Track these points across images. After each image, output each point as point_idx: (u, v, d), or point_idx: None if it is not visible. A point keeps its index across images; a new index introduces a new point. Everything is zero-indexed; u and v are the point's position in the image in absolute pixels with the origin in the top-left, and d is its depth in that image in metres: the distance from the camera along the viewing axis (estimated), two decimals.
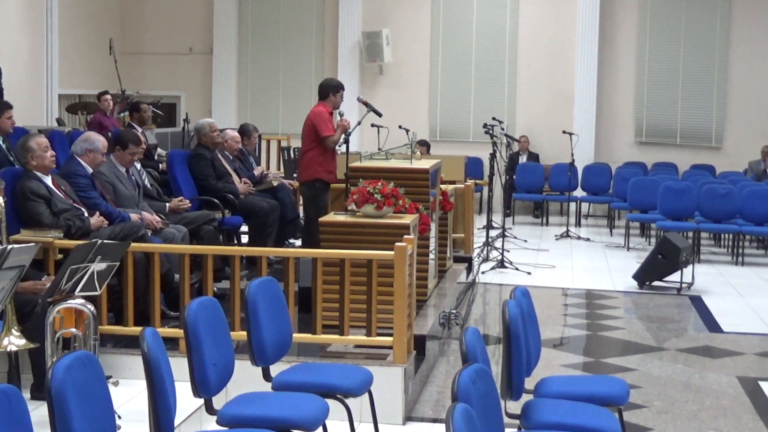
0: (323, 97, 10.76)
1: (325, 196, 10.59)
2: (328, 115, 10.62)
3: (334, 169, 10.64)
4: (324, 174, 10.55)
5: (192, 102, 20.94)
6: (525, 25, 20.14)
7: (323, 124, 10.49)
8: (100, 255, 6.37)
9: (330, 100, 10.70)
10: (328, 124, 10.51)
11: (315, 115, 10.60)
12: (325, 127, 10.48)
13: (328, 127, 10.49)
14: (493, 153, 14.46)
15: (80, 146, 8.67)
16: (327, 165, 10.57)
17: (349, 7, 20.40)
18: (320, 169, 10.54)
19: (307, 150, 10.66)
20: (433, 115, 20.47)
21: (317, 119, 10.55)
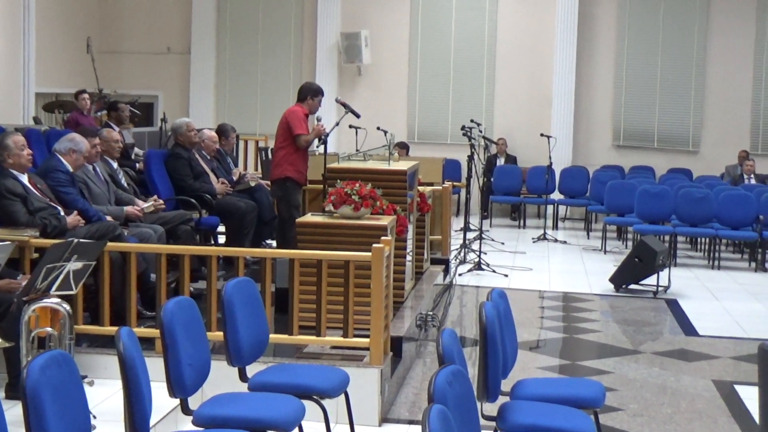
0: (301, 99, 10.76)
1: (296, 195, 10.64)
2: (304, 115, 10.63)
3: (304, 170, 10.68)
4: (293, 173, 10.58)
5: (169, 102, 20.90)
6: (503, 28, 20.19)
7: (297, 122, 10.52)
8: (76, 254, 6.35)
9: (307, 102, 10.71)
10: (302, 123, 10.54)
11: (290, 114, 10.64)
12: (298, 125, 10.51)
13: (301, 126, 10.52)
14: (470, 155, 14.49)
15: (64, 145, 8.66)
16: (297, 164, 10.61)
17: (327, 7, 20.40)
18: (291, 168, 10.58)
19: (280, 148, 10.69)
20: (412, 116, 20.50)
21: (292, 117, 10.58)
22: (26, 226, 7.82)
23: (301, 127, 10.51)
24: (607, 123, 20.22)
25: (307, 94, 10.73)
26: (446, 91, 20.35)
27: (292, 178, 10.58)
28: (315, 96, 10.73)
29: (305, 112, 10.67)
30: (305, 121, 10.61)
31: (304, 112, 10.66)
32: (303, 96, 10.76)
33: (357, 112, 10.76)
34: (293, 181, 10.60)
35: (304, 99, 10.73)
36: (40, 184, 8.25)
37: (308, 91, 10.78)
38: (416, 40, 20.42)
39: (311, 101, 10.70)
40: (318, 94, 10.78)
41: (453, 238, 13.21)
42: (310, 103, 10.70)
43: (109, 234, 8.12)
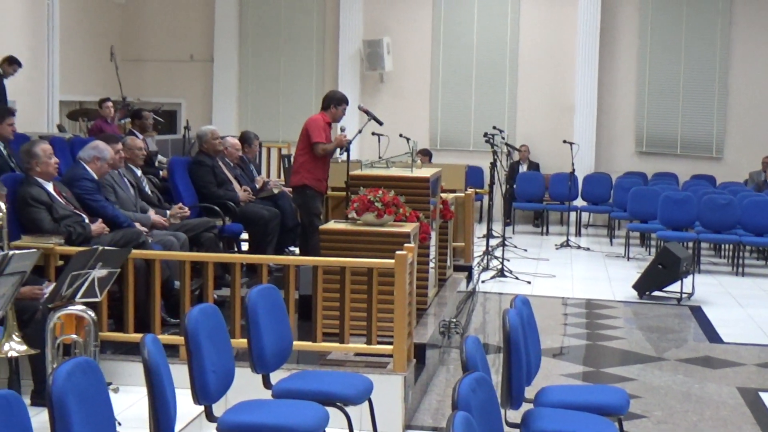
0: (325, 108, 10.72)
1: (316, 203, 10.61)
2: (325, 124, 10.59)
3: (323, 177, 10.63)
4: (311, 181, 10.55)
5: (193, 109, 20.96)
6: (526, 35, 20.18)
7: (316, 130, 10.48)
8: (101, 261, 6.37)
9: (330, 111, 10.65)
10: (321, 132, 10.49)
11: (310, 122, 10.62)
12: (317, 133, 10.47)
13: (320, 134, 10.47)
14: (493, 162, 14.48)
15: (89, 153, 8.72)
16: (316, 172, 10.57)
17: (349, 15, 20.43)
18: (308, 176, 10.55)
19: (299, 155, 10.69)
20: (434, 123, 20.49)
21: (311, 125, 10.56)
22: (51, 233, 7.86)
23: (320, 135, 10.47)
24: (630, 129, 20.17)
25: (330, 103, 10.69)
26: (468, 98, 20.34)
27: (309, 185, 10.57)
28: (338, 105, 10.68)
29: (327, 120, 10.64)
30: (325, 129, 10.57)
31: (327, 121, 10.62)
32: (326, 104, 10.72)
33: (379, 119, 10.75)
34: (312, 189, 10.58)
35: (327, 107, 10.70)
36: (64, 192, 8.29)
37: (332, 99, 10.74)
38: (438, 47, 20.43)
39: (334, 110, 10.66)
40: (342, 102, 10.72)
41: (476, 245, 13.19)
42: (333, 112, 10.66)
43: (134, 241, 8.16)
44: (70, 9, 18.49)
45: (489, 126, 16.36)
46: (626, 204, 16.81)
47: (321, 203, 10.68)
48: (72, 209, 8.18)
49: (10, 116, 10.05)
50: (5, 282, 5.70)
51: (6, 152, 9.83)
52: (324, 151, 10.49)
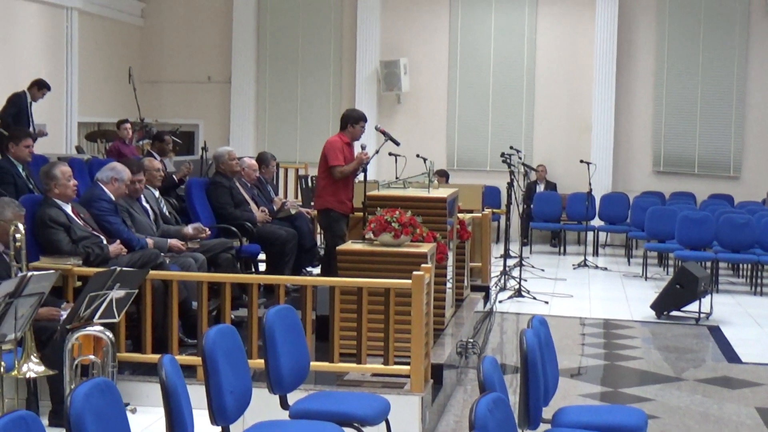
0: (342, 127, 10.74)
1: (340, 225, 10.56)
2: (342, 144, 10.57)
3: (347, 198, 10.57)
4: (335, 204, 10.53)
5: (210, 130, 21.02)
6: (543, 55, 20.19)
7: (333, 153, 10.48)
8: (119, 282, 6.39)
9: (348, 131, 10.67)
10: (338, 154, 10.48)
11: (328, 144, 10.62)
12: (334, 156, 10.47)
13: (337, 157, 10.46)
14: (510, 182, 14.47)
15: (106, 174, 8.77)
16: (338, 195, 10.54)
17: (366, 36, 20.49)
18: (331, 199, 10.54)
19: (320, 179, 10.72)
20: (451, 144, 20.50)
21: (328, 148, 10.55)
22: (69, 254, 7.90)
23: (337, 158, 10.46)
24: (647, 149, 20.13)
25: (348, 122, 10.70)
26: (485, 118, 20.35)
27: (333, 209, 10.55)
28: (356, 123, 10.69)
29: (346, 140, 10.63)
30: (343, 151, 10.54)
31: (345, 141, 10.62)
32: (344, 124, 10.74)
33: (396, 140, 10.73)
34: (335, 212, 10.56)
35: (345, 127, 10.70)
36: (83, 213, 8.33)
37: (349, 118, 10.75)
38: (455, 68, 20.45)
39: (352, 129, 10.67)
40: (359, 121, 10.72)
41: (493, 265, 13.18)
42: (351, 131, 10.67)
43: (151, 262, 8.19)
44: (88, 31, 18.60)
45: (506, 146, 16.37)
46: (644, 224, 16.76)
47: (346, 225, 10.60)
48: (90, 230, 8.21)
49: (27, 138, 10.10)
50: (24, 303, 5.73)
51: (25, 174, 9.88)
52: (342, 173, 10.46)
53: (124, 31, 20.50)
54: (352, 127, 10.67)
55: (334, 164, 10.44)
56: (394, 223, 8.40)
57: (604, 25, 19.73)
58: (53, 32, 17.52)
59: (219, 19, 21.20)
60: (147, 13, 21.34)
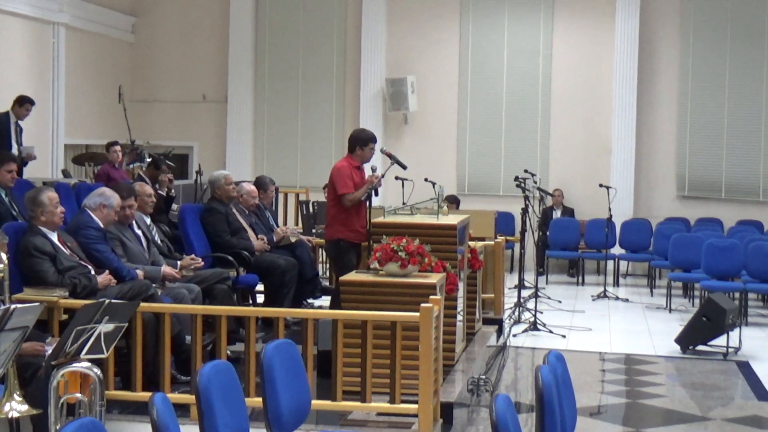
0: (350, 150, 10.65)
1: (350, 256, 10.41)
2: (351, 169, 10.47)
3: (360, 226, 10.36)
4: (346, 233, 10.39)
5: (205, 153, 21.08)
6: (559, 72, 20.22)
7: (341, 181, 10.37)
8: (108, 315, 6.40)
9: (357, 153, 10.57)
10: (347, 181, 10.36)
11: (335, 171, 10.51)
12: (342, 183, 10.35)
13: (346, 184, 10.34)
14: (525, 208, 14.48)
15: (94, 200, 8.79)
16: (350, 224, 10.40)
17: (372, 52, 20.54)
18: (342, 228, 10.39)
19: (329, 207, 10.63)
20: (461, 167, 20.52)
21: (336, 175, 10.45)
22: (55, 285, 7.91)
23: (346, 185, 10.34)
24: (671, 172, 20.14)
25: (356, 144, 10.58)
26: (498, 140, 20.37)
27: (344, 239, 10.42)
28: (365, 145, 10.57)
29: (355, 164, 10.55)
30: (353, 176, 10.44)
31: (354, 165, 10.53)
32: (352, 146, 10.64)
33: (403, 163, 10.73)
34: (346, 241, 10.42)
35: (353, 150, 10.61)
36: (69, 241, 8.35)
37: (357, 140, 10.62)
38: (465, 86, 20.49)
39: (361, 151, 10.56)
40: (368, 142, 10.59)
41: (506, 297, 13.17)
42: (360, 154, 10.57)
43: (142, 294, 8.20)
44: (76, 47, 18.69)
45: (520, 169, 16.39)
46: (667, 252, 16.75)
47: (355, 256, 10.52)
48: (77, 260, 8.23)
49: (10, 162, 10.13)
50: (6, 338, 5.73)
51: (8, 199, 9.91)
52: (352, 201, 10.33)
53: (114, 47, 20.59)
54: (361, 149, 10.58)
55: (344, 192, 10.32)
56: (401, 252, 8.41)
57: (624, 39, 19.77)
58: (39, 49, 17.60)
59: (214, 35, 21.29)
60: (138, 28, 21.44)
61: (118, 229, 9.11)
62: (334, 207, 10.50)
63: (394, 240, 8.52)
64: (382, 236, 8.72)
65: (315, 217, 14.46)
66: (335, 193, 10.45)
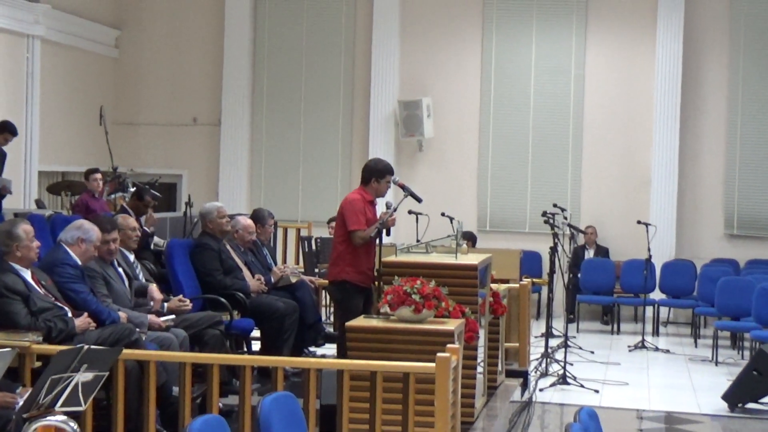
0: (364, 182, 10.64)
1: (356, 300, 10.36)
2: (364, 204, 10.46)
3: (368, 268, 10.37)
4: (353, 275, 10.33)
5: (195, 182, 21.10)
6: (592, 94, 20.19)
7: (353, 215, 10.34)
8: (86, 363, 6.41)
9: (372, 186, 10.57)
10: (359, 216, 10.33)
11: (346, 204, 10.48)
12: (354, 218, 10.32)
13: (358, 219, 10.30)
14: (553, 246, 14.48)
15: (71, 234, 8.79)
16: (358, 264, 10.35)
17: (383, 71, 20.52)
18: (350, 269, 10.33)
19: (337, 243, 10.58)
20: (483, 200, 20.51)
21: (347, 209, 10.42)
22: (28, 329, 7.92)
23: (357, 221, 10.30)
24: (718, 208, 20.10)
25: (372, 176, 10.57)
26: (524, 170, 20.34)
27: (350, 281, 10.36)
28: (381, 178, 10.56)
29: (369, 198, 10.55)
30: (365, 211, 10.43)
31: (368, 199, 10.53)
32: (366, 178, 10.62)
33: (418, 195, 10.74)
34: (352, 284, 10.36)
35: (367, 181, 10.60)
36: (44, 280, 8.37)
37: (373, 172, 10.61)
38: (488, 109, 20.47)
39: (377, 184, 10.56)
40: (385, 174, 10.58)
41: (533, 346, 13.17)
42: (375, 187, 10.57)
43: (125, 339, 8.20)
44: (52, 63, 18.75)
45: (548, 203, 16.40)
46: (714, 297, 16.71)
47: (363, 300, 10.44)
48: (52, 301, 8.24)
49: None
50: None
51: None
52: (363, 239, 10.30)
53: (95, 63, 20.65)
54: (377, 182, 10.57)
55: (354, 228, 10.27)
56: (415, 294, 8.42)
57: (666, 59, 19.77)
58: (11, 64, 17.67)
59: (207, 50, 21.35)
60: (122, 42, 21.51)
61: (102, 266, 9.11)
62: (342, 244, 10.46)
63: (408, 281, 8.53)
64: (394, 277, 8.73)
65: (318, 255, 14.46)
66: (344, 229, 10.42)
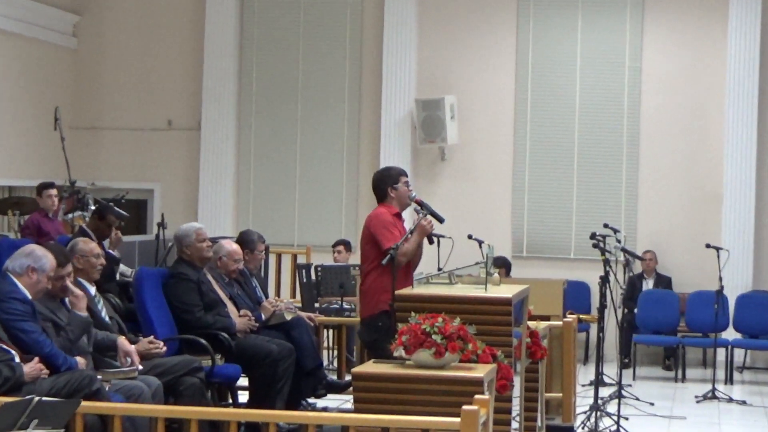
0: (381, 198, 10.69)
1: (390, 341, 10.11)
2: (393, 217, 10.52)
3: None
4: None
5: (170, 198, 21.07)
6: (651, 92, 20.11)
7: (384, 231, 10.35)
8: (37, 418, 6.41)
9: (391, 198, 10.61)
10: (391, 230, 10.35)
11: (373, 220, 10.51)
12: (387, 234, 10.31)
13: (392, 234, 10.30)
14: (604, 276, 14.45)
15: (20, 262, 8.77)
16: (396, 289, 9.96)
17: (396, 65, 20.43)
18: (386, 298, 10.02)
19: (369, 271, 10.54)
20: (518, 219, 20.45)
21: (374, 224, 10.44)
22: None
23: (392, 236, 10.27)
24: None
25: (386, 186, 10.62)
26: (568, 183, 20.27)
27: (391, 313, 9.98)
28: (396, 183, 10.62)
29: (394, 211, 10.59)
30: (398, 224, 10.47)
31: (393, 212, 10.57)
32: (382, 192, 10.67)
33: (439, 214, 10.71)
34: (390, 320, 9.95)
35: (384, 195, 10.65)
36: None
37: (385, 180, 10.67)
38: (524, 110, 20.38)
39: (395, 192, 10.58)
40: (398, 177, 10.65)
41: (579, 397, 13.14)
42: (396, 196, 10.58)
43: (84, 389, 8.20)
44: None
45: (598, 224, 16.37)
46: None
47: None
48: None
49: None
50: None
51: None
52: (405, 255, 10.28)
53: (49, 55, 20.63)
54: (394, 189, 10.61)
55: (389, 245, 10.08)
56: (436, 335, 8.40)
57: (740, 49, 19.71)
58: None
59: (185, 38, 21.34)
60: (81, 29, 21.45)
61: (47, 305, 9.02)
62: (376, 270, 10.38)
63: (427, 319, 8.51)
64: (410, 313, 8.70)
65: (319, 287, 14.46)
66: (375, 252, 10.39)
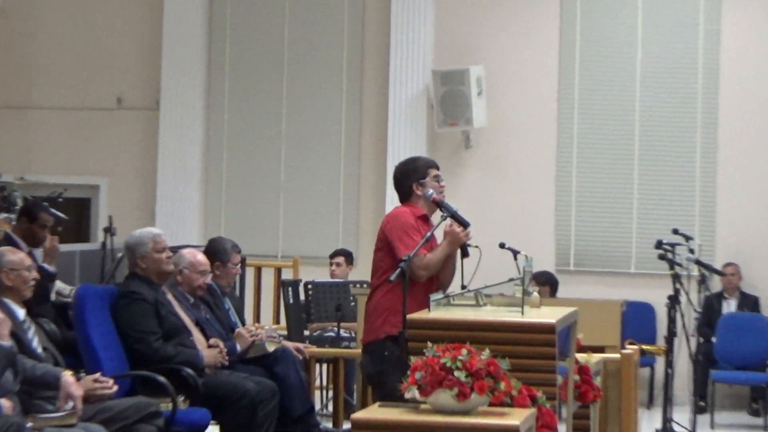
0: (404, 197, 10.66)
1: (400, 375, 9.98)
2: (416, 220, 10.44)
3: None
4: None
5: (119, 196, 21.08)
6: (731, 64, 20.08)
7: (404, 237, 10.25)
8: None
9: (417, 196, 10.56)
10: (411, 235, 10.24)
11: (391, 221, 10.48)
12: (407, 241, 10.19)
13: (413, 242, 10.14)
14: (674, 295, 14.45)
15: None
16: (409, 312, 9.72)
17: (409, 29, 20.38)
18: (395, 320, 9.92)
19: (378, 286, 10.48)
20: (564, 226, 20.44)
21: (391, 227, 10.39)
22: None
23: (412, 243, 10.10)
24: None
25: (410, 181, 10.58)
26: (628, 180, 20.26)
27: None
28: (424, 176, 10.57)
29: (420, 213, 10.52)
30: (419, 230, 10.34)
31: (418, 214, 10.51)
32: (406, 190, 10.63)
33: (462, 217, 10.68)
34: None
35: (408, 193, 10.61)
36: None
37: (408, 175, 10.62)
38: (570, 87, 20.34)
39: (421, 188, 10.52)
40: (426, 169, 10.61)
41: None
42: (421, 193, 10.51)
43: None
44: None
45: (666, 230, 16.38)
46: None
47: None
48: None
49: None
50: None
51: None
52: (428, 268, 10.24)
53: None
54: (420, 184, 10.55)
55: (407, 252, 9.92)
56: (459, 371, 8.37)
57: None
58: None
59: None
60: None
61: None
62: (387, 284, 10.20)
63: (447, 351, 8.48)
64: (426, 344, 8.66)
65: (309, 310, 14.47)
66: (389, 261, 10.33)
